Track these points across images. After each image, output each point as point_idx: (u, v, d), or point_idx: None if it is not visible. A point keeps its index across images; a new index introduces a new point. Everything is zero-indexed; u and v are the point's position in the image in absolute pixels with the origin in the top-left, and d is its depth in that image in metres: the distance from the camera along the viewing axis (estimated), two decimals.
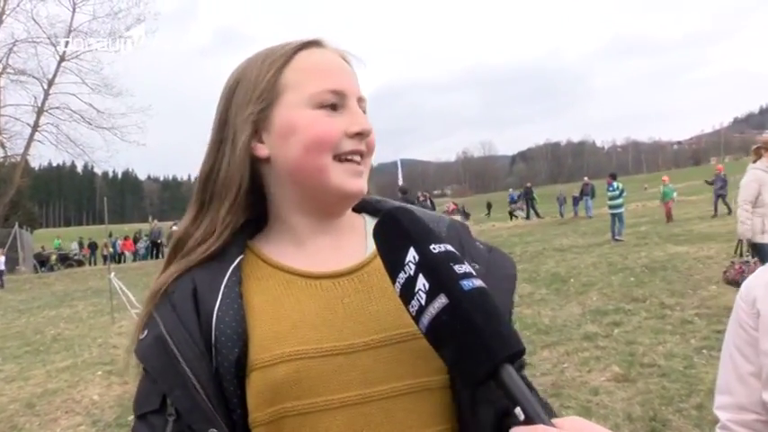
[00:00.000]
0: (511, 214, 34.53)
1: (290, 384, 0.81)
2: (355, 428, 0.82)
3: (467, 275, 0.73)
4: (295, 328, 0.85)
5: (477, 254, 0.96)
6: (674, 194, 20.21)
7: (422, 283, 0.73)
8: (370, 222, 1.01)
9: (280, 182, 0.94)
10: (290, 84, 0.91)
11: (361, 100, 0.94)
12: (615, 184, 17.62)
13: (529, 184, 35.53)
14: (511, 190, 41.62)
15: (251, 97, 0.91)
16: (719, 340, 5.83)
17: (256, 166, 0.94)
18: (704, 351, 5.65)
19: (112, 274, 12.96)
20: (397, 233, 0.79)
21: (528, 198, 32.62)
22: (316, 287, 0.90)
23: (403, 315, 0.79)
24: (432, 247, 0.75)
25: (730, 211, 18.32)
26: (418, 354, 0.84)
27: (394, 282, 0.78)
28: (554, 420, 0.65)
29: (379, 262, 0.87)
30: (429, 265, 0.74)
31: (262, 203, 0.99)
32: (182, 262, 0.92)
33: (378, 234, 0.82)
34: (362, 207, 1.03)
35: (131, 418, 6.00)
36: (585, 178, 27.86)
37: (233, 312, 0.85)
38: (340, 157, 0.90)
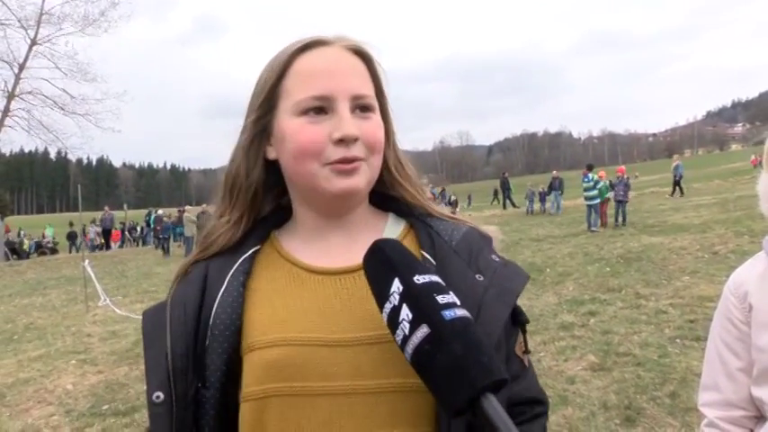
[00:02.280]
0: None
1: (279, 367, 0.86)
2: (338, 416, 0.85)
3: (449, 306, 0.75)
4: (291, 317, 0.90)
5: (486, 265, 0.95)
6: (610, 194, 17.47)
7: (405, 312, 0.75)
8: (393, 222, 1.04)
9: (287, 182, 1.00)
10: (286, 91, 0.94)
11: (358, 97, 0.92)
12: (590, 175, 17.52)
13: (506, 174, 35.68)
14: (431, 186, 41.41)
15: (256, 103, 0.97)
16: (693, 330, 5.97)
17: (275, 164, 1.00)
18: (678, 340, 5.74)
19: (86, 261, 12.79)
20: (382, 264, 0.81)
21: (504, 188, 32.78)
22: (318, 282, 0.94)
23: None
24: (416, 278, 0.77)
25: (625, 221, 16.42)
26: None
27: (381, 310, 0.79)
28: None
29: None
30: (412, 295, 0.76)
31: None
32: (204, 250, 1.01)
33: (366, 264, 0.84)
34: (392, 206, 1.05)
35: (106, 407, 5.93)
36: (554, 172, 26.81)
37: (232, 300, 0.92)
38: (329, 164, 0.91)
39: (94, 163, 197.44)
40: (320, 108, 0.91)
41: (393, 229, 1.02)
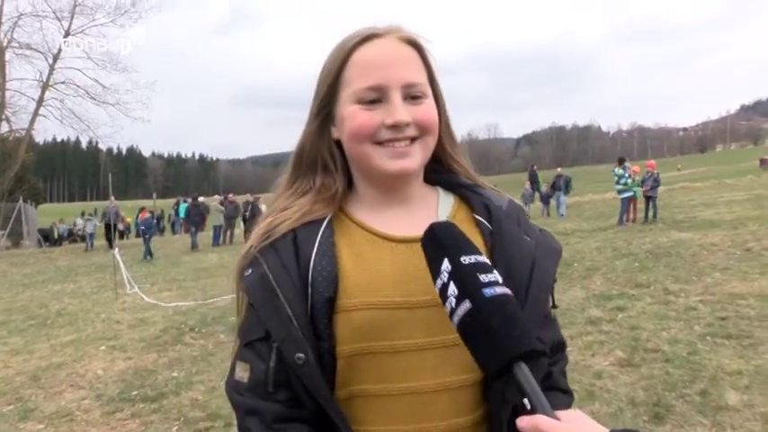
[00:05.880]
0: None
1: (363, 329, 0.98)
2: (414, 369, 0.99)
3: (490, 284, 0.85)
4: (373, 282, 1.01)
5: (530, 229, 1.14)
6: (638, 189, 16.47)
7: (452, 289, 0.87)
8: (443, 195, 1.17)
9: (349, 160, 1.12)
10: (345, 80, 1.05)
11: (410, 86, 1.03)
12: (616, 169, 16.96)
13: (534, 166, 35.27)
14: None
15: (321, 92, 1.08)
16: (724, 327, 5.87)
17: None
18: (708, 338, 5.65)
19: (116, 250, 13.00)
20: (435, 244, 0.93)
21: (533, 180, 32.42)
22: (392, 248, 1.05)
23: None
24: (462, 258, 0.88)
25: (656, 216, 15.58)
26: None
27: (435, 284, 0.91)
28: (556, 412, 0.76)
29: None
30: (459, 274, 0.87)
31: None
32: (280, 215, 1.07)
33: (423, 243, 0.96)
34: (439, 181, 1.18)
35: (135, 392, 6.00)
36: (559, 169, 24.71)
37: (328, 258, 1.01)
38: (381, 144, 1.03)
39: (124, 152, 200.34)
40: (375, 98, 1.02)
41: (445, 200, 1.15)
